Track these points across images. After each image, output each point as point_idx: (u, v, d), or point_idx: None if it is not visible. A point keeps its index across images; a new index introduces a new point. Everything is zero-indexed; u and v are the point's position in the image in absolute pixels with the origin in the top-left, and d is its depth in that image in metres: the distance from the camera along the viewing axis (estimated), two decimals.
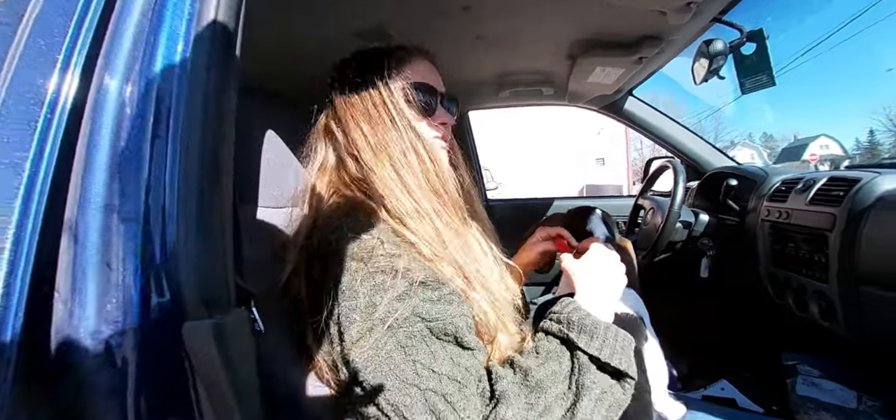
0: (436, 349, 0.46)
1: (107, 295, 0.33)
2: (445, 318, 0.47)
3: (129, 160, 0.36)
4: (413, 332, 0.45)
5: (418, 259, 0.50)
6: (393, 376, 0.44)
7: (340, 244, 0.49)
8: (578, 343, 0.49)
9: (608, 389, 0.48)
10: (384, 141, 0.57)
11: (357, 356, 0.45)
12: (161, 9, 0.40)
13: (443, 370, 0.45)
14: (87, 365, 0.31)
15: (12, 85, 0.38)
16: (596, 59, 1.23)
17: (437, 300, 0.48)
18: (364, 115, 0.59)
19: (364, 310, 0.45)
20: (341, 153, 0.61)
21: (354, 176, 0.59)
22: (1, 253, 0.31)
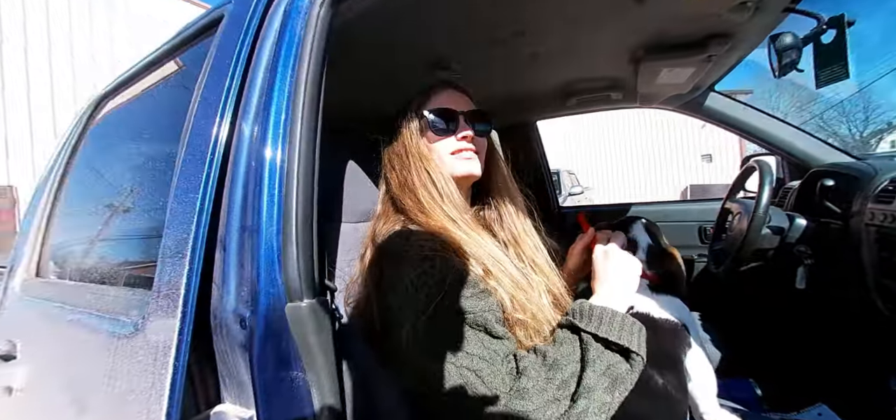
0: (469, 335, 0.55)
1: (241, 285, 0.50)
2: (476, 311, 0.56)
3: (253, 189, 0.53)
4: (449, 321, 0.55)
5: (451, 261, 0.60)
6: (433, 356, 0.54)
7: (390, 251, 0.62)
8: (580, 325, 0.57)
9: (613, 364, 0.55)
10: (405, 171, 0.73)
11: (405, 338, 0.56)
12: (273, 73, 0.57)
13: (474, 351, 0.54)
14: (231, 327, 0.48)
15: (192, 131, 0.59)
16: (661, 62, 1.20)
17: (469, 296, 0.57)
18: (395, 153, 0.77)
19: (410, 301, 0.56)
20: (388, 175, 0.77)
21: (396, 195, 0.74)
22: (185, 257, 0.50)
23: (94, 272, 0.77)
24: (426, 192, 0.69)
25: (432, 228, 0.65)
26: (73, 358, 0.64)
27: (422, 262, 0.58)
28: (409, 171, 0.72)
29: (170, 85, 0.81)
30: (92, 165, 0.98)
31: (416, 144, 0.74)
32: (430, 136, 0.76)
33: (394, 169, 0.75)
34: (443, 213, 0.68)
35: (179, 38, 0.80)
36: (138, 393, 0.50)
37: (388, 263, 0.61)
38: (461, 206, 0.72)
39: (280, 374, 0.47)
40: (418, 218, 0.67)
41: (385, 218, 0.72)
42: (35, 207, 1.02)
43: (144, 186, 0.77)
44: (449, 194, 0.70)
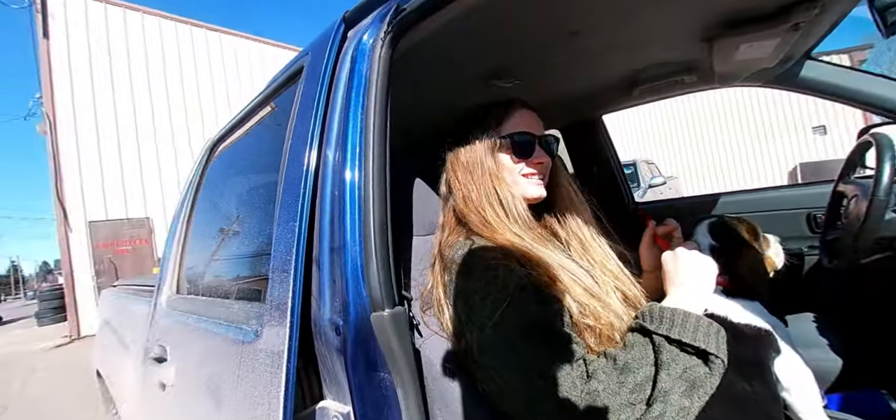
0: (535, 338, 0.57)
1: (334, 297, 0.58)
2: (539, 315, 0.58)
3: (336, 213, 0.61)
4: (514, 325, 0.57)
5: (515, 269, 0.62)
6: (501, 359, 0.56)
7: (455, 262, 0.66)
8: (650, 327, 0.57)
9: (690, 367, 0.53)
10: (472, 186, 0.75)
11: (477, 344, 0.58)
12: (346, 109, 0.66)
13: (540, 353, 0.55)
14: (328, 334, 0.57)
15: (288, 166, 0.70)
16: (737, 38, 1.10)
17: (534, 301, 0.59)
18: (463, 167, 0.79)
19: (478, 308, 0.59)
20: (452, 191, 0.80)
21: (460, 209, 0.76)
22: (289, 275, 0.60)
23: (219, 288, 0.94)
24: (492, 210, 0.72)
25: (496, 241, 0.67)
26: (208, 360, 0.79)
27: (485, 271, 0.61)
28: (477, 187, 0.74)
29: (265, 127, 0.96)
30: (210, 199, 1.19)
31: (489, 163, 0.76)
32: (505, 157, 0.78)
33: (459, 182, 0.77)
34: (508, 230, 0.70)
35: (270, 89, 0.94)
36: (261, 389, 0.61)
37: (454, 274, 0.65)
38: (528, 224, 0.74)
39: (370, 375, 0.55)
40: (482, 231, 0.70)
41: (448, 229, 0.76)
42: (173, 235, 1.25)
43: (254, 213, 0.92)
44: (517, 214, 0.73)
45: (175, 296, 1.15)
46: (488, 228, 0.70)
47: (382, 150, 0.62)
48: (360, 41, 0.70)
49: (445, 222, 0.78)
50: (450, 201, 0.79)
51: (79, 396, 4.10)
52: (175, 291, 1.17)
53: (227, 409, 0.70)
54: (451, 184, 0.79)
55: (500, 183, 0.75)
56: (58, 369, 5.51)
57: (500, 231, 0.69)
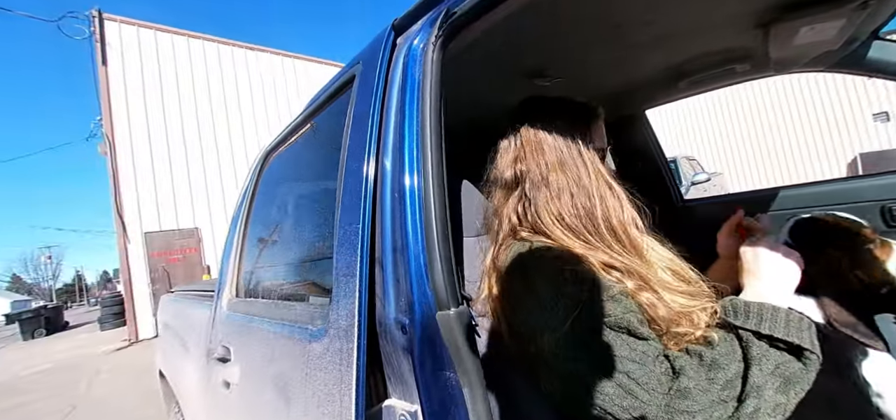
0: (612, 338, 0.55)
1: (398, 297, 0.60)
2: (617, 314, 0.55)
3: (397, 215, 0.63)
4: (588, 325, 0.55)
5: (585, 271, 0.60)
6: (579, 362, 0.54)
7: (519, 260, 0.64)
8: (736, 322, 0.54)
9: (783, 363, 0.51)
10: (566, 178, 0.70)
11: (545, 347, 0.57)
12: (402, 114, 0.67)
13: (622, 354, 0.53)
14: (394, 332, 0.58)
15: (346, 171, 0.72)
16: (797, 21, 1.04)
17: (607, 300, 0.57)
18: (551, 149, 0.73)
19: (545, 310, 0.57)
20: (522, 178, 0.74)
21: (527, 199, 0.72)
22: (355, 276, 0.62)
23: (279, 290, 0.99)
24: (587, 215, 0.68)
25: (565, 244, 0.65)
26: (274, 359, 0.83)
27: (556, 272, 0.60)
28: (557, 192, 0.70)
29: (319, 135, 1.00)
30: (266, 206, 1.25)
31: (576, 170, 0.72)
32: (586, 167, 0.73)
33: (544, 163, 0.72)
34: (589, 238, 0.67)
35: (321, 99, 0.98)
36: (331, 386, 0.63)
37: (518, 276, 0.63)
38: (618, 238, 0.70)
39: (437, 374, 0.55)
40: (554, 232, 0.67)
41: (511, 233, 0.72)
42: (231, 242, 1.33)
43: (311, 217, 0.96)
44: (612, 227, 0.69)
45: (235, 299, 1.22)
46: (562, 229, 0.67)
47: (439, 152, 0.63)
48: (411, 46, 0.72)
49: (503, 219, 0.74)
50: (514, 194, 0.74)
51: (140, 396, 4.40)
52: (235, 295, 1.24)
53: (296, 405, 0.73)
54: (526, 188, 0.73)
55: (609, 186, 0.72)
56: (120, 371, 5.93)
57: (571, 236, 0.66)
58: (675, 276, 0.71)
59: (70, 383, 5.59)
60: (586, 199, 0.69)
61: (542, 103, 0.81)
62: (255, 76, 10.30)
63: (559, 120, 0.76)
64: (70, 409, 4.35)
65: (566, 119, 0.76)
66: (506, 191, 0.77)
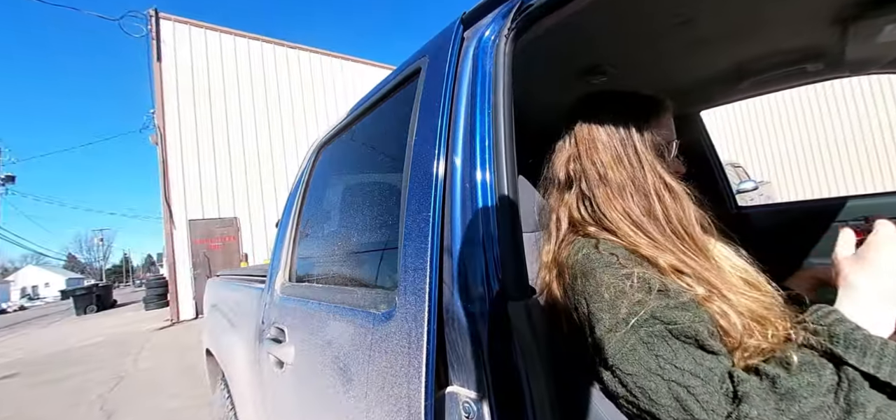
0: (677, 348, 0.52)
1: (467, 286, 0.60)
2: (684, 322, 0.52)
3: (469, 207, 0.63)
4: (653, 331, 0.53)
5: (655, 270, 0.59)
6: (638, 365, 0.52)
7: (583, 258, 0.62)
8: (848, 359, 0.45)
9: (885, 407, 0.43)
10: (625, 176, 0.68)
11: (606, 347, 0.55)
12: (472, 107, 0.68)
13: (685, 366, 0.50)
14: (462, 320, 0.59)
15: (414, 162, 0.74)
16: (881, 18, 0.97)
17: (674, 307, 0.54)
18: (606, 148, 0.71)
19: (609, 310, 0.56)
20: (579, 182, 0.73)
21: (586, 197, 0.71)
22: (426, 263, 0.63)
23: (338, 276, 1.02)
24: (649, 214, 0.66)
25: (632, 242, 0.63)
26: (333, 340, 0.86)
27: (618, 270, 0.58)
28: (634, 172, 0.68)
29: (381, 126, 1.02)
30: (321, 195, 1.29)
31: (631, 167, 0.69)
32: (649, 155, 0.70)
33: (599, 161, 0.70)
34: (653, 236, 0.64)
35: (383, 91, 1.00)
36: (397, 369, 0.64)
37: (578, 274, 0.61)
38: (682, 239, 0.67)
39: (505, 363, 0.56)
40: (621, 229, 0.65)
41: (573, 229, 0.71)
42: (284, 227, 1.38)
43: (373, 207, 0.98)
44: (675, 227, 0.67)
45: (288, 283, 1.27)
46: (630, 226, 0.65)
47: (512, 146, 0.63)
48: (482, 38, 0.72)
49: (561, 217, 0.73)
50: (571, 193, 0.74)
51: (180, 372, 4.65)
52: (288, 279, 1.28)
53: (356, 385, 0.75)
54: (591, 184, 0.71)
55: (666, 185, 0.68)
56: (162, 348, 6.29)
57: (638, 235, 0.64)
58: (748, 286, 0.67)
59: (118, 356, 5.98)
60: (643, 197, 0.67)
61: (598, 99, 0.78)
62: (296, 76, 10.66)
63: (615, 115, 0.73)
64: (118, 380, 4.66)
65: (623, 114, 0.73)
66: (561, 190, 0.76)
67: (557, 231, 0.73)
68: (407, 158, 0.75)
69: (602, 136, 0.72)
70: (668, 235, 0.65)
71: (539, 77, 1.16)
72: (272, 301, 1.28)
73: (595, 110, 0.76)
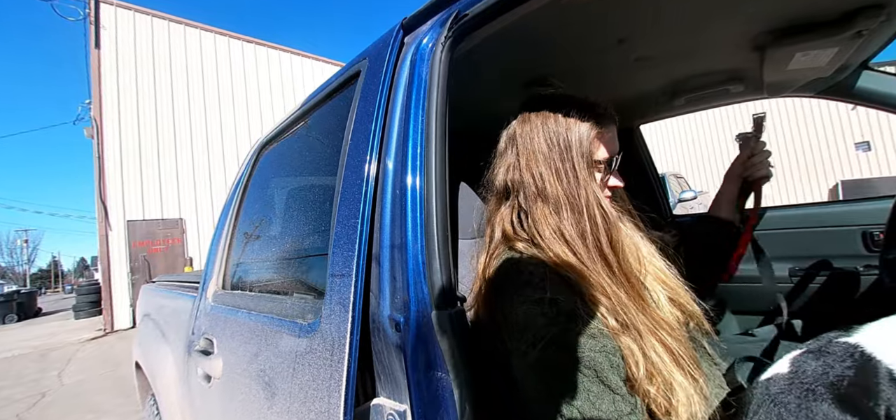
0: (574, 379, 0.50)
1: (394, 294, 0.59)
2: (585, 350, 0.51)
3: (397, 213, 0.62)
4: (553, 358, 0.51)
5: (569, 294, 0.56)
6: (536, 391, 0.52)
7: (503, 271, 0.61)
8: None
9: None
10: (561, 192, 0.65)
11: (513, 366, 0.55)
12: (407, 113, 0.67)
13: (576, 402, 0.48)
14: (387, 330, 0.57)
15: (346, 167, 0.71)
16: (792, 47, 1.07)
17: (581, 333, 0.52)
18: (547, 161, 0.67)
19: (518, 332, 0.55)
20: (516, 189, 0.69)
21: (522, 210, 0.68)
22: (351, 271, 0.61)
23: (270, 284, 0.97)
24: (576, 226, 0.63)
25: (561, 261, 0.61)
26: (260, 353, 0.81)
27: (536, 294, 0.56)
28: (569, 184, 0.65)
29: (319, 129, 0.99)
30: (260, 198, 1.22)
31: (582, 169, 0.66)
32: (587, 174, 0.67)
33: (537, 168, 0.67)
34: (582, 253, 0.62)
35: (323, 93, 0.96)
36: (319, 383, 0.61)
37: (498, 281, 0.61)
38: (607, 257, 0.64)
39: (428, 373, 0.55)
40: (553, 248, 0.62)
41: (504, 240, 0.68)
42: (219, 232, 1.30)
43: (308, 211, 0.94)
44: (601, 243, 0.64)
45: (221, 291, 1.19)
46: (555, 240, 0.62)
47: (443, 152, 0.63)
48: (420, 45, 0.71)
49: (495, 227, 0.71)
50: (507, 204, 0.71)
51: (113, 386, 4.27)
52: (221, 286, 1.21)
53: (281, 399, 0.71)
54: (523, 186, 0.68)
55: (599, 201, 0.65)
56: (93, 360, 5.75)
57: (559, 246, 0.62)
58: (667, 287, 0.68)
59: (41, 371, 5.40)
60: (578, 216, 0.63)
61: (543, 103, 0.73)
62: (251, 70, 10.19)
63: (557, 123, 0.69)
64: (39, 397, 4.20)
65: (565, 122, 0.69)
66: (499, 200, 0.73)
67: (491, 241, 0.70)
68: (341, 162, 0.72)
69: (543, 148, 0.68)
70: (594, 259, 0.62)
71: (487, 84, 1.18)
72: (203, 310, 1.19)
73: (538, 117, 0.71)
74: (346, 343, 0.57)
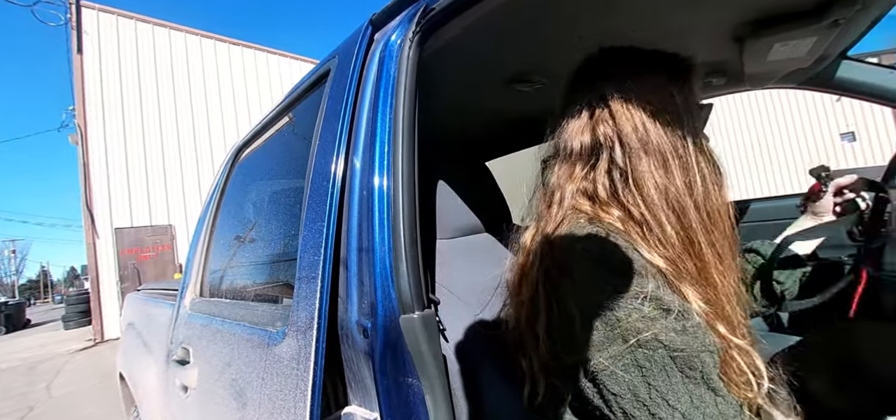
0: (675, 381, 0.44)
1: (361, 299, 0.57)
2: (690, 351, 0.44)
3: (364, 215, 0.60)
4: (653, 356, 0.44)
5: (666, 286, 0.48)
6: (627, 388, 0.45)
7: (583, 249, 0.50)
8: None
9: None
10: (666, 149, 0.53)
11: (593, 358, 0.46)
12: (374, 111, 0.65)
13: (678, 406, 0.43)
14: (355, 336, 0.55)
15: (314, 169, 0.69)
16: (770, 37, 1.07)
17: (682, 331, 0.45)
18: (653, 111, 0.54)
19: (605, 321, 0.46)
20: (609, 148, 0.56)
21: (617, 169, 0.55)
22: (317, 277, 0.59)
23: (244, 291, 0.94)
24: (694, 199, 0.53)
25: (659, 232, 0.51)
26: (232, 362, 0.79)
27: (632, 283, 0.47)
28: (686, 149, 0.54)
29: (292, 131, 0.97)
30: (236, 203, 1.20)
31: (683, 131, 0.55)
32: (696, 129, 0.57)
33: (633, 153, 0.54)
34: (682, 219, 0.53)
35: (296, 93, 0.94)
36: (286, 392, 0.59)
37: (578, 269, 0.49)
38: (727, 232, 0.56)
39: (398, 380, 0.53)
40: (645, 207, 0.52)
41: (576, 211, 0.56)
42: (197, 238, 1.27)
43: (280, 216, 0.92)
44: (723, 213, 0.56)
45: (198, 298, 1.16)
46: (662, 208, 0.52)
47: (411, 151, 0.61)
48: (388, 42, 0.70)
49: (566, 194, 0.58)
50: (590, 164, 0.58)
51: (103, 398, 4.20)
52: (198, 294, 1.18)
53: (251, 410, 0.69)
54: (620, 136, 0.55)
55: (710, 162, 0.56)
56: (82, 372, 5.66)
57: (678, 218, 0.51)
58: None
59: (28, 384, 5.30)
60: (685, 173, 0.53)
61: (625, 55, 0.62)
62: (238, 72, 10.09)
63: (651, 73, 0.58)
64: (27, 411, 4.12)
65: (659, 72, 0.58)
66: (574, 162, 0.59)
67: (559, 207, 0.57)
68: (309, 164, 0.70)
69: (644, 93, 0.56)
70: (707, 229, 0.52)
71: (464, 80, 1.16)
72: (181, 319, 1.17)
73: (623, 67, 0.59)
74: (312, 351, 0.55)
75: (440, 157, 0.98)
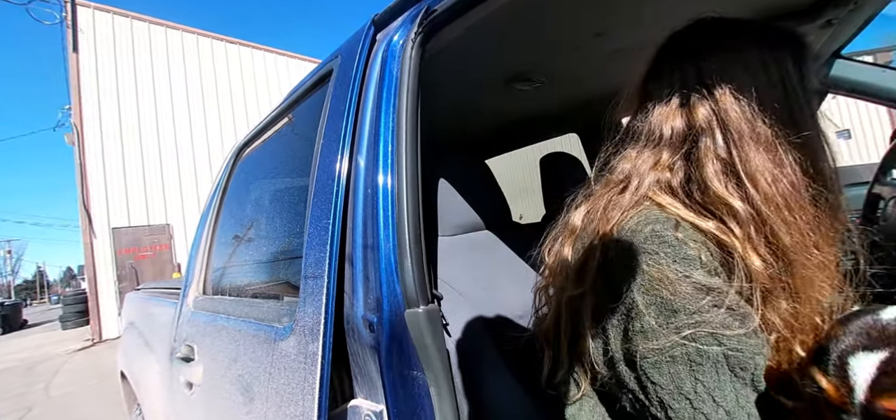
0: (724, 380, 0.42)
1: (367, 295, 0.58)
2: (745, 351, 0.42)
3: (369, 212, 0.62)
4: (707, 352, 0.42)
5: (751, 292, 0.45)
6: (671, 380, 0.43)
7: (649, 237, 0.46)
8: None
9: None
10: (771, 135, 0.46)
11: (640, 345, 0.44)
12: (378, 110, 0.66)
13: (724, 404, 0.41)
14: (361, 331, 0.57)
15: (319, 168, 0.71)
16: None
17: (741, 330, 0.43)
18: (769, 105, 0.47)
19: (660, 311, 0.43)
20: (711, 134, 0.49)
21: (732, 158, 0.48)
22: (323, 273, 0.60)
23: (248, 288, 0.96)
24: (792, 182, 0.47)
25: (763, 224, 0.46)
26: (238, 358, 0.80)
27: (695, 269, 0.44)
28: (772, 145, 0.47)
29: (294, 130, 0.98)
30: (238, 201, 1.21)
31: (801, 110, 0.49)
32: (816, 110, 0.51)
33: (740, 137, 0.47)
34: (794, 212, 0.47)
35: (298, 93, 0.95)
36: (294, 386, 0.61)
37: (647, 260, 0.45)
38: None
39: (403, 372, 0.54)
40: (761, 204, 0.46)
41: (655, 198, 0.50)
42: (199, 237, 1.28)
43: (284, 213, 0.93)
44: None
45: (202, 296, 1.17)
46: (778, 207, 0.46)
47: (414, 150, 0.62)
48: (391, 42, 0.71)
49: (644, 180, 0.52)
50: (683, 151, 0.51)
51: (100, 396, 4.20)
52: (202, 292, 1.19)
53: (258, 405, 0.70)
54: (725, 119, 0.48)
55: (825, 158, 0.51)
56: (81, 371, 5.65)
57: (784, 217, 0.46)
58: None
59: (26, 384, 5.29)
60: (800, 167, 0.47)
61: (724, 26, 0.54)
62: (235, 71, 10.06)
63: (755, 48, 0.50)
64: (25, 411, 4.11)
65: (763, 47, 0.50)
66: (660, 149, 0.53)
67: (633, 195, 0.52)
68: (314, 162, 0.72)
69: (752, 72, 0.49)
70: (813, 237, 0.46)
71: (466, 80, 1.17)
72: (184, 316, 1.18)
73: (722, 40, 0.52)
74: (319, 345, 0.56)
75: (441, 156, 0.99)
